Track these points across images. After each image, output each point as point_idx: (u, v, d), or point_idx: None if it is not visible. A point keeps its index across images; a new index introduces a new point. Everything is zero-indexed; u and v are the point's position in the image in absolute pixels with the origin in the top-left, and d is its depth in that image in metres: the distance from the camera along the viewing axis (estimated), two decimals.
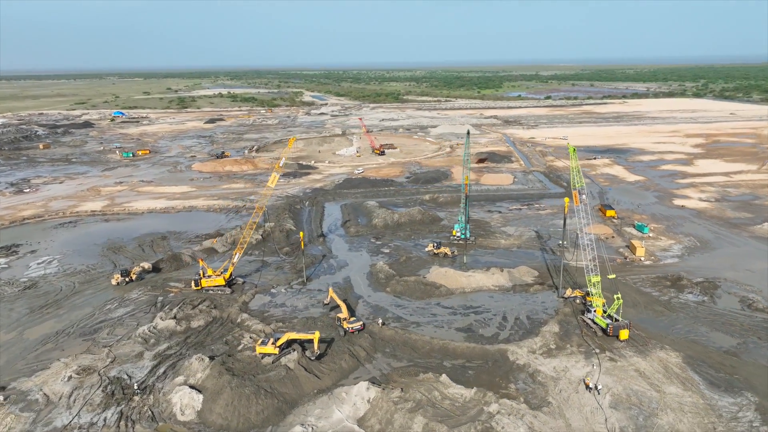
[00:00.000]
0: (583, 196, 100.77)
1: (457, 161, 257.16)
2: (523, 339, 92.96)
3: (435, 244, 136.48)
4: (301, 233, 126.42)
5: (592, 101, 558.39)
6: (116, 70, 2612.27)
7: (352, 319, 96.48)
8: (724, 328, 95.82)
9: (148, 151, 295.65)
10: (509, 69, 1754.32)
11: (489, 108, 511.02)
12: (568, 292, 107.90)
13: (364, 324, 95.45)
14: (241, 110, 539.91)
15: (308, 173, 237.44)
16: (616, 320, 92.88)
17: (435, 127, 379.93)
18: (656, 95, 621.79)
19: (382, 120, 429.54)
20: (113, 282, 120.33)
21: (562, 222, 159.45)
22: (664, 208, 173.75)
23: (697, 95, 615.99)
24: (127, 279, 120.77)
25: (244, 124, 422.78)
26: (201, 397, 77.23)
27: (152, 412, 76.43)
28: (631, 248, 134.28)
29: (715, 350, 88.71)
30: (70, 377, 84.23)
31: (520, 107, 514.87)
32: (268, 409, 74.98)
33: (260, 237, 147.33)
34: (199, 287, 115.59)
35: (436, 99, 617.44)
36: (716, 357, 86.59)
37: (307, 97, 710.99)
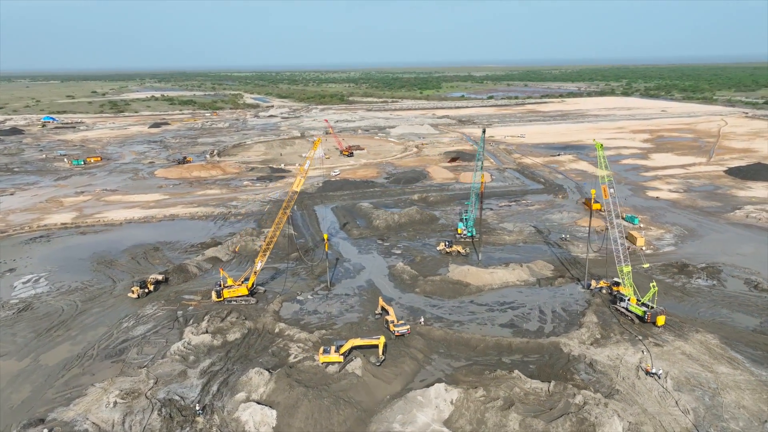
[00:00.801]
0: (612, 190, 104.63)
1: (429, 161, 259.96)
2: (568, 331, 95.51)
3: (446, 243, 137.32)
4: (325, 236, 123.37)
5: (532, 100, 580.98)
6: (21, 72, 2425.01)
7: (400, 322, 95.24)
8: (743, 309, 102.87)
9: (99, 158, 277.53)
10: (441, 70, 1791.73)
11: (437, 108, 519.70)
12: (594, 284, 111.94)
13: (410, 327, 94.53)
14: (183, 113, 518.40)
15: (283, 176, 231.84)
16: (651, 307, 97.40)
17: (393, 127, 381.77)
18: (589, 94, 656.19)
19: (337, 121, 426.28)
20: (132, 295, 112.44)
21: (552, 217, 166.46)
22: (641, 200, 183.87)
23: (625, 94, 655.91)
24: (146, 291, 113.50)
25: (194, 128, 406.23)
26: (274, 412, 73.70)
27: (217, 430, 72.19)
28: (630, 239, 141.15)
29: (744, 330, 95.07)
30: (115, 403, 77.87)
31: (468, 107, 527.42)
32: (349, 419, 72.72)
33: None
34: (221, 298, 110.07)
35: (382, 100, 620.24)
36: (748, 336, 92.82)
37: (249, 99, 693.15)
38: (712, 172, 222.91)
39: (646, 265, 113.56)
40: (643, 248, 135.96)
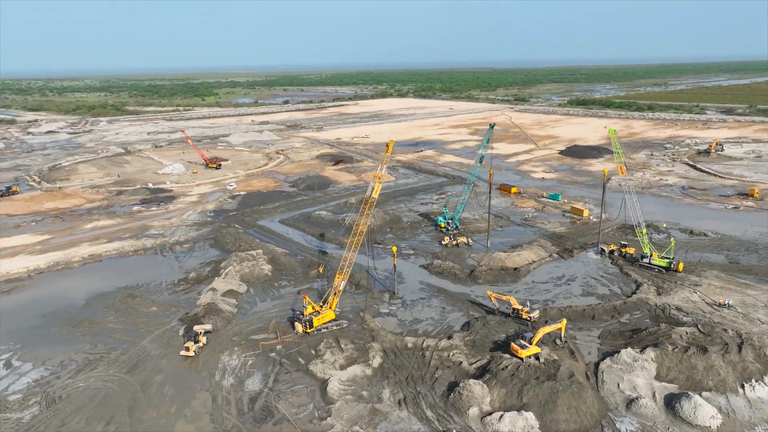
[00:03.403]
0: (626, 168, 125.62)
1: (313, 166, 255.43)
2: (632, 289, 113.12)
3: (450, 237, 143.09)
4: (394, 248, 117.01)
5: (329, 104, 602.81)
6: None
7: (526, 309, 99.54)
8: (704, 250, 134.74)
9: None
10: (195, 76, 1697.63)
11: (248, 114, 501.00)
12: (605, 249, 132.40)
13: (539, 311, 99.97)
14: None
15: (172, 196, 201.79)
16: (672, 258, 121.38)
17: (226, 136, 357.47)
18: (373, 96, 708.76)
19: (150, 133, 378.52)
20: (188, 353, 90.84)
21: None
22: (532, 182, 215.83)
23: (401, 95, 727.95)
24: (201, 344, 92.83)
25: None
26: (531, 413, 72.70)
27: None
28: (575, 212, 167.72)
29: (725, 264, 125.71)
30: None
31: (279, 112, 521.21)
32: (591, 398, 76.25)
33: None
34: (312, 329, 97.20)
35: (173, 108, 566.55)
36: (733, 267, 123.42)
37: None
38: (551, 155, 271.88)
39: (664, 225, 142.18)
40: (592, 218, 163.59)
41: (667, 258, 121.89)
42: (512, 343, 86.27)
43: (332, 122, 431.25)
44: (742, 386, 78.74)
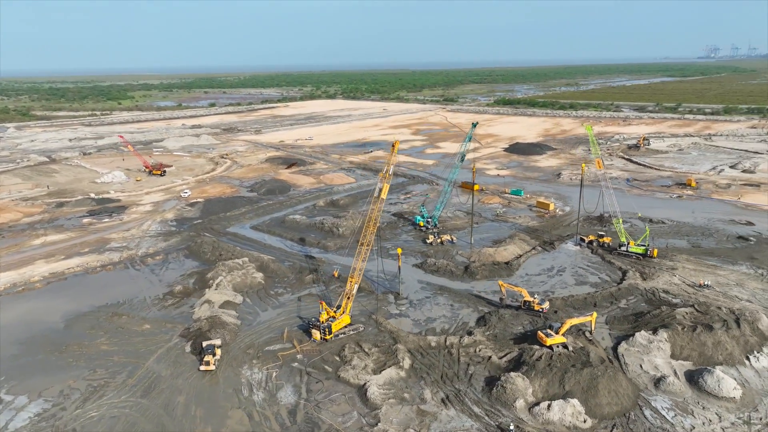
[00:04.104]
0: (603, 163, 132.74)
1: (264, 169, 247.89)
2: (620, 276, 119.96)
3: (434, 235, 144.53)
4: (399, 249, 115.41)
5: (260, 106, 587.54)
6: None
7: (537, 300, 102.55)
8: (667, 237, 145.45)
9: None
10: (100, 79, 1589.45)
11: (177, 118, 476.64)
12: (585, 239, 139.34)
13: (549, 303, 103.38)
14: None
15: (122, 207, 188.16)
16: (648, 245, 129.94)
17: (160, 141, 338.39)
18: (302, 98, 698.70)
19: (72, 140, 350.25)
20: (208, 367, 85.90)
21: (453, 200, 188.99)
22: (489, 179, 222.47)
23: (330, 97, 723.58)
24: (217, 357, 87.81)
25: None
26: (575, 400, 75.22)
27: None
28: (541, 206, 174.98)
29: (690, 248, 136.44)
30: None
31: (208, 115, 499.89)
32: (624, 380, 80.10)
33: (257, 277, 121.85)
34: (331, 335, 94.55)
35: (90, 113, 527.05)
36: (698, 251, 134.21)
37: None
38: (497, 153, 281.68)
39: (640, 215, 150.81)
40: (558, 211, 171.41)
41: (643, 245, 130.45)
42: (539, 332, 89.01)
43: (269, 125, 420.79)
44: (747, 358, 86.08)
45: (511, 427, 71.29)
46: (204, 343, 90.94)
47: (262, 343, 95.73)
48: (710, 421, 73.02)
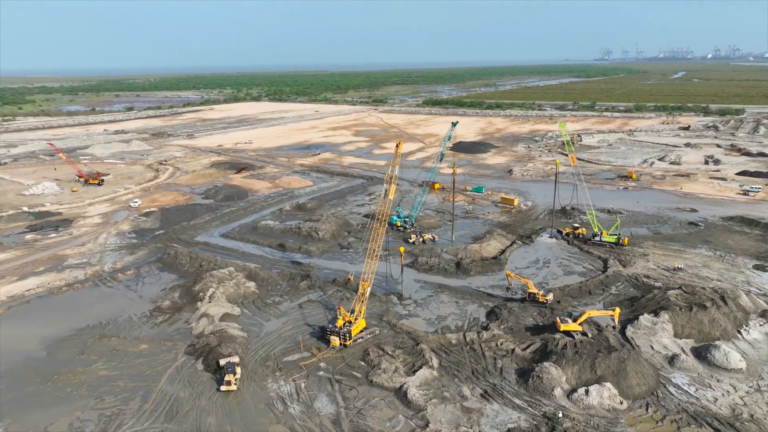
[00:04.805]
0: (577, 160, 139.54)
1: (212, 175, 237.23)
2: (601, 265, 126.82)
3: (417, 234, 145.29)
4: (401, 248, 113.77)
5: (184, 110, 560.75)
6: None
7: (541, 292, 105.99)
8: (631, 226, 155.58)
9: None
10: None
11: (94, 123, 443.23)
12: (562, 230, 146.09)
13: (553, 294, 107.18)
14: None
15: (67, 221, 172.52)
16: (619, 234, 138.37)
17: (85, 148, 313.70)
18: (227, 101, 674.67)
19: None
20: (231, 387, 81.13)
21: (419, 199, 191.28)
22: (446, 178, 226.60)
23: (255, 99, 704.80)
24: (238, 376, 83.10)
25: None
26: (609, 383, 78.79)
27: (584, 424, 73.28)
28: (506, 201, 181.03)
29: (654, 235, 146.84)
30: None
31: (129, 119, 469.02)
32: (644, 361, 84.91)
33: (249, 286, 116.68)
34: (349, 341, 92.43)
35: None
36: (661, 238, 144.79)
37: None
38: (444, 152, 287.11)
39: (611, 206, 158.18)
40: (522, 206, 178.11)
41: (614, 234, 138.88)
42: (558, 318, 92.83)
43: (200, 129, 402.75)
44: (739, 332, 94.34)
45: (559, 415, 73.57)
46: (222, 361, 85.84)
47: (279, 354, 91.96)
48: (728, 392, 79.32)
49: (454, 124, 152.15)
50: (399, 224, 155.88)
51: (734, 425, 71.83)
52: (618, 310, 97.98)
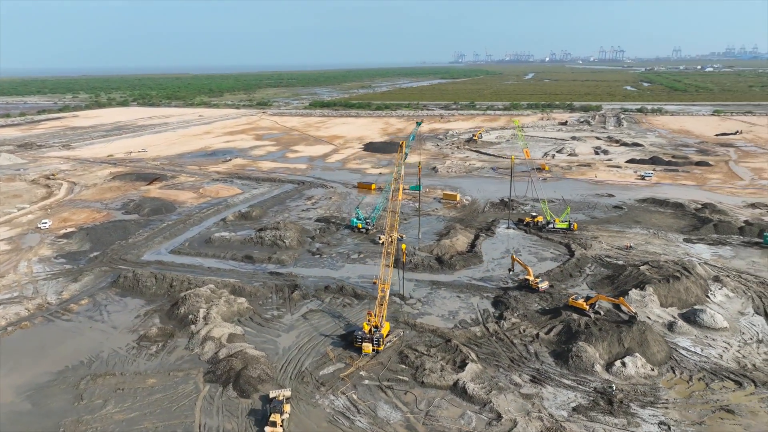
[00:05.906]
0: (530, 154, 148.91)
1: (121, 188, 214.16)
2: (569, 249, 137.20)
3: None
4: (403, 246, 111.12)
5: (41, 117, 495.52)
6: None
7: (538, 279, 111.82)
8: (578, 212, 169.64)
9: None
10: None
11: None
12: (524, 219, 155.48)
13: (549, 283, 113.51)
14: None
15: None
16: (569, 221, 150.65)
17: None
18: (88, 106, 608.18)
19: None
20: (274, 429, 72.31)
21: (363, 201, 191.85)
22: (371, 177, 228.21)
23: (122, 104, 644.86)
24: (286, 416, 75.79)
25: None
26: (637, 354, 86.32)
27: (633, 393, 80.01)
28: (448, 197, 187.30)
29: (599, 220, 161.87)
30: None
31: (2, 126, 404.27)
32: (658, 334, 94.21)
33: (241, 300, 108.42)
34: (382, 346, 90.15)
35: None
36: (606, 221, 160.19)
37: None
38: (359, 153, 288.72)
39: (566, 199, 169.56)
40: (464, 201, 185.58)
41: (566, 221, 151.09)
42: (570, 297, 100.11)
43: (75, 138, 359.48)
44: (707, 296, 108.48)
45: (613, 387, 79.26)
46: (271, 394, 78.03)
47: (311, 369, 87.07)
48: (726, 349, 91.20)
49: (419, 123, 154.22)
50: (360, 226, 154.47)
51: (746, 375, 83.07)
52: (623, 299, 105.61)
